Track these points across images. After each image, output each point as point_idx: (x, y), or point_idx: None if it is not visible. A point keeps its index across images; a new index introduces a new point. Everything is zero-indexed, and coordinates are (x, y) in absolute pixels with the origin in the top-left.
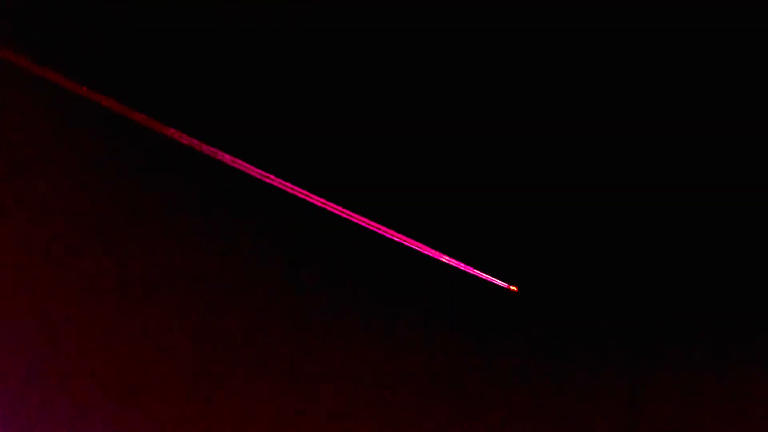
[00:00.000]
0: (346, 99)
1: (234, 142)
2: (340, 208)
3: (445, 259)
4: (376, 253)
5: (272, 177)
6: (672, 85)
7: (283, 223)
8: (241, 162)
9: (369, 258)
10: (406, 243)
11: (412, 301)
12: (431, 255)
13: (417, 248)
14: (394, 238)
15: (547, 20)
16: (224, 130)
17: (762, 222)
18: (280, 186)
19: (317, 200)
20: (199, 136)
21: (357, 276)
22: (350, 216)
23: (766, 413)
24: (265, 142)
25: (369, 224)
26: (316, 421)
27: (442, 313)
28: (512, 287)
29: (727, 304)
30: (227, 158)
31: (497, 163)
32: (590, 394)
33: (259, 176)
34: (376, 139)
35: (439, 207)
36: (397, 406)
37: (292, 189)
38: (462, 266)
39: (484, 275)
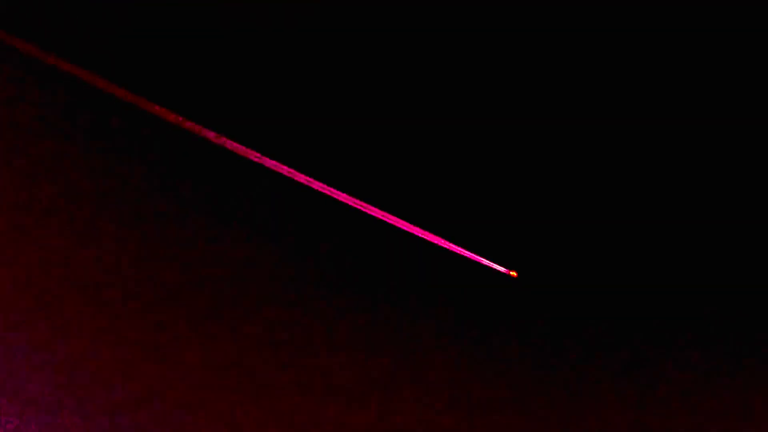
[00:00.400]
0: (341, 79)
1: (219, 120)
2: (334, 191)
3: (442, 243)
4: (371, 237)
5: (258, 155)
6: (675, 76)
7: (283, 210)
8: (225, 139)
9: (364, 242)
10: (402, 227)
11: (408, 286)
12: (428, 239)
13: (414, 232)
14: (390, 222)
15: (547, 19)
16: (211, 108)
17: None
18: (278, 170)
19: (311, 182)
20: (185, 114)
21: (351, 260)
22: (345, 199)
23: None
24: (253, 121)
25: (364, 207)
26: (316, 408)
27: (439, 298)
28: (512, 272)
29: (733, 292)
30: (211, 135)
31: (496, 145)
32: (592, 382)
33: (244, 154)
34: (373, 120)
35: (437, 190)
36: (394, 392)
37: (294, 175)
38: (460, 251)
39: (483, 260)
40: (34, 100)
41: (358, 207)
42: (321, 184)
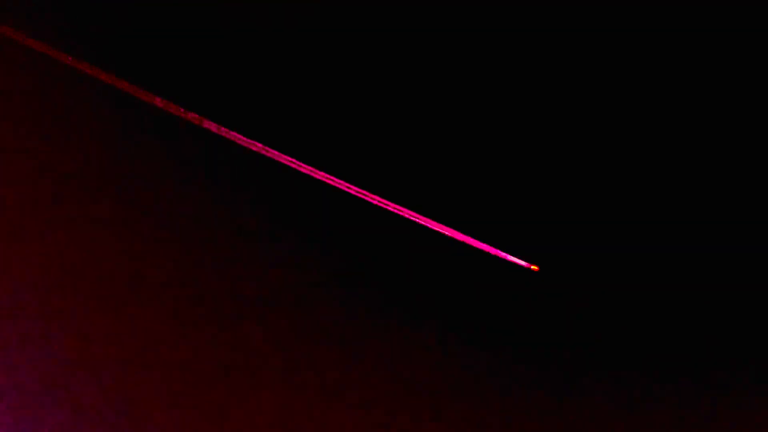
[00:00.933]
0: (354, 64)
1: (220, 110)
2: (352, 186)
3: (463, 238)
4: (391, 233)
5: (260, 145)
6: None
7: (309, 209)
8: (226, 130)
9: (384, 238)
10: (422, 222)
11: (429, 280)
12: (449, 234)
13: (434, 227)
14: (410, 217)
15: (568, 15)
16: (211, 98)
17: None
18: (302, 170)
19: (327, 178)
20: (185, 104)
21: (372, 256)
22: (364, 195)
23: None
24: (263, 113)
25: (384, 203)
26: (327, 404)
27: (461, 292)
28: (533, 266)
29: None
30: (213, 126)
31: (516, 141)
32: (611, 376)
33: (246, 144)
34: (392, 115)
35: (457, 185)
36: (415, 386)
37: (314, 173)
38: (481, 245)
39: (503, 254)
40: (39, 94)
41: (378, 203)
42: (339, 181)
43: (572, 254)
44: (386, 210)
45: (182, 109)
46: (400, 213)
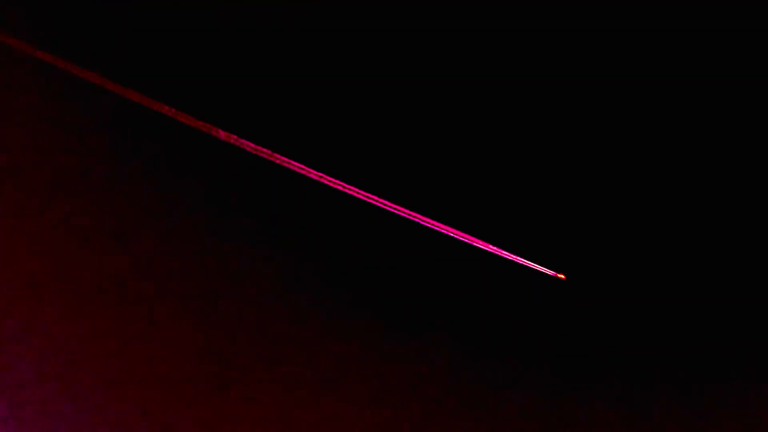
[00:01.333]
0: (373, 80)
1: (229, 118)
2: (378, 198)
3: (493, 248)
4: (418, 243)
5: (269, 152)
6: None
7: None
8: (236, 137)
9: (412, 248)
10: (451, 234)
11: (459, 290)
12: (478, 245)
13: (463, 239)
14: (440, 229)
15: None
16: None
17: None
18: (330, 183)
19: (344, 187)
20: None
21: (400, 267)
22: (395, 208)
23: None
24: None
25: (411, 214)
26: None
27: (491, 301)
28: (560, 275)
29: None
30: (222, 134)
31: (541, 153)
32: (636, 381)
33: (254, 152)
34: (420, 128)
35: (485, 197)
36: (444, 392)
37: (347, 188)
38: (509, 256)
39: (531, 264)
40: (49, 105)
41: (409, 216)
42: (359, 190)
43: (599, 263)
44: (413, 221)
45: (192, 118)
46: (428, 224)
